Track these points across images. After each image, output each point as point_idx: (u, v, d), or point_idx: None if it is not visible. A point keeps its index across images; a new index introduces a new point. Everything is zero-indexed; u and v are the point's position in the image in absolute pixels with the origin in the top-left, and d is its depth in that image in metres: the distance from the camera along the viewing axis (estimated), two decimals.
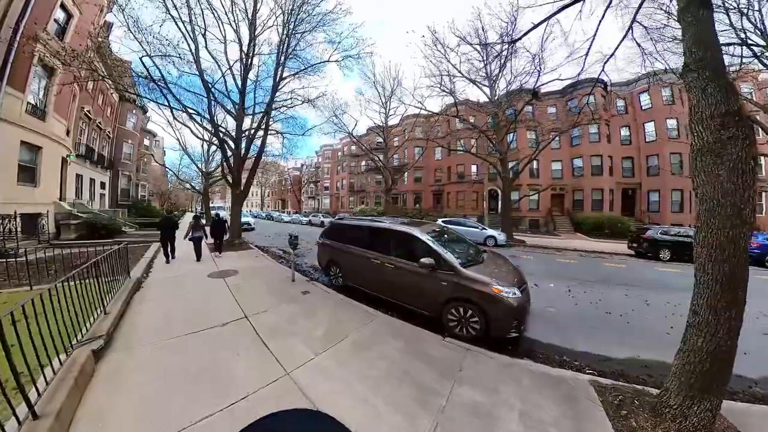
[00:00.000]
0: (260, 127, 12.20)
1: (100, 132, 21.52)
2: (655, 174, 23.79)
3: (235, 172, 12.05)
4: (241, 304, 5.09)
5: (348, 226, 6.81)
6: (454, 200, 35.56)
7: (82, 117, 18.31)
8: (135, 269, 6.66)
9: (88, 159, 18.98)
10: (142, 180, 31.81)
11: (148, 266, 7.54)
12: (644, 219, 23.65)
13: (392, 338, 3.96)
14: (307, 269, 9.14)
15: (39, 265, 6.04)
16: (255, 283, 6.51)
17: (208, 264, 8.49)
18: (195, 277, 6.80)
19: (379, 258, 5.44)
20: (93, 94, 19.80)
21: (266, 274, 7.52)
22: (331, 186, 50.67)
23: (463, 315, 4.25)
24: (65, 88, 13.98)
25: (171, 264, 8.26)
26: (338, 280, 6.55)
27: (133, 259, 7.99)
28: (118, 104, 25.46)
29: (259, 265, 8.65)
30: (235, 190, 12.18)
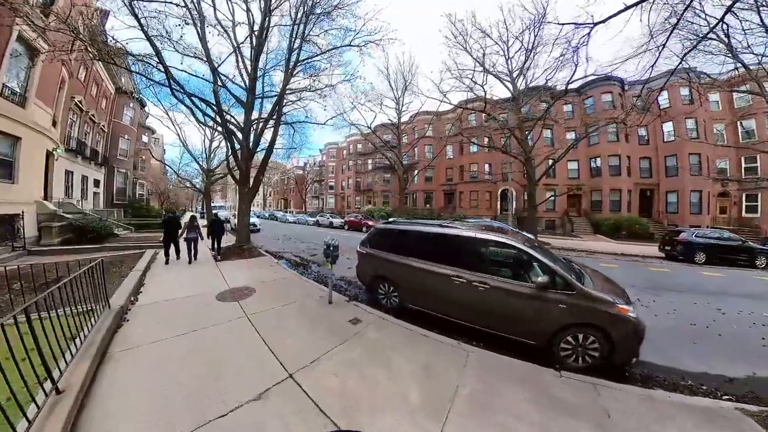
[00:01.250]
0: (271, 116, 10.58)
1: (94, 125, 19.88)
2: (673, 174, 23.31)
3: (243, 167, 10.43)
4: (274, 349, 3.48)
5: (404, 233, 5.30)
6: (467, 200, 34.31)
7: (72, 108, 16.69)
8: (119, 291, 5.00)
9: (79, 154, 17.35)
10: (140, 178, 30.16)
11: (139, 283, 5.89)
12: (663, 220, 23.11)
13: (508, 383, 3.03)
14: (336, 282, 7.62)
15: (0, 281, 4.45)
16: (282, 309, 4.90)
17: (212, 275, 6.91)
18: (199, 302, 5.16)
19: (462, 275, 4.22)
20: (85, 83, 18.16)
21: (291, 291, 5.91)
22: (336, 185, 49.07)
23: (581, 342, 3.58)
24: (51, 72, 12.45)
25: (170, 270, 6.78)
26: (390, 300, 5.26)
27: (119, 273, 6.39)
28: (114, 96, 23.82)
29: (277, 277, 7.03)
30: (243, 188, 10.56)
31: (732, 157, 22.49)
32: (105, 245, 9.81)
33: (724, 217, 22.70)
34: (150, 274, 6.78)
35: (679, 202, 23.09)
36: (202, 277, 6.79)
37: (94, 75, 19.32)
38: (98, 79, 20.16)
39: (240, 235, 10.55)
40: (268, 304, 5.13)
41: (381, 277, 5.34)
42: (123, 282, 5.48)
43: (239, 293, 5.63)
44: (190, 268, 7.56)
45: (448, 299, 4.39)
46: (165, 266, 7.49)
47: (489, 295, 3.98)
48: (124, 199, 24.32)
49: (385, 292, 5.27)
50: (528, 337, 3.82)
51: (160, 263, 8.04)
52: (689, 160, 22.53)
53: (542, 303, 3.66)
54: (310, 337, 3.87)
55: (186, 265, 7.87)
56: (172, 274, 6.85)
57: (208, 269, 7.62)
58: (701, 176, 22.21)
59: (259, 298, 5.45)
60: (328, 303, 5.20)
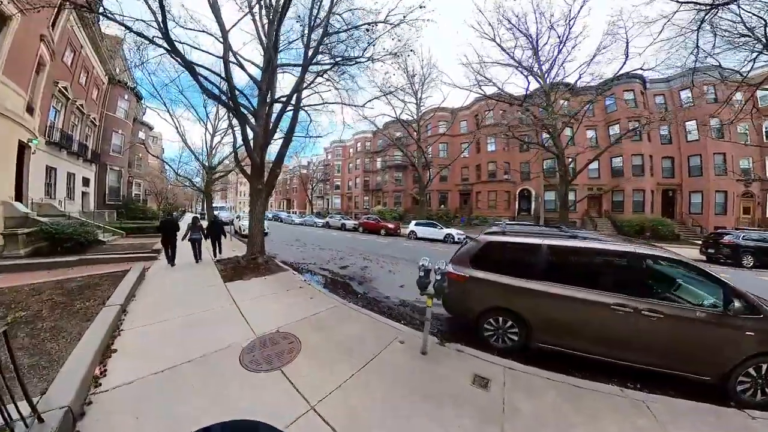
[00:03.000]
0: (292, 97, 8.48)
1: (83, 117, 17.77)
2: (697, 174, 22.88)
3: (257, 158, 8.35)
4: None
5: (532, 248, 3.88)
6: (485, 200, 32.70)
7: (56, 95, 14.58)
8: (72, 360, 2.80)
9: (64, 148, 15.23)
10: (136, 177, 28.02)
11: (111, 332, 3.69)
12: (687, 221, 22.72)
13: None
14: (393, 305, 5.78)
15: None
16: (362, 378, 2.91)
17: (224, 308, 4.80)
18: (215, 371, 3.04)
19: (628, 304, 3.30)
20: (72, 68, 16.05)
21: (353, 336, 3.91)
22: (343, 185, 47.01)
23: (763, 374, 3.01)
24: (26, 47, 10.23)
25: (162, 300, 4.65)
26: (504, 338, 3.96)
27: (83, 312, 4.26)
28: (107, 87, 21.73)
29: (320, 309, 4.91)
30: (256, 184, 8.47)
31: (756, 157, 21.56)
32: (83, 257, 7.71)
33: (748, 217, 21.99)
34: (133, 309, 4.66)
35: (703, 202, 22.51)
36: (210, 313, 4.66)
37: (83, 60, 17.22)
38: (88, 65, 18.05)
39: (253, 243, 8.45)
40: (331, 368, 3.07)
41: (497, 309, 3.93)
42: (85, 336, 3.30)
43: (276, 348, 3.52)
44: (192, 296, 5.47)
45: (599, 333, 3.45)
46: (156, 295, 5.40)
47: (662, 325, 3.23)
48: (118, 200, 22.18)
49: (497, 328, 3.97)
50: (702, 372, 3.23)
51: (150, 285, 5.98)
52: (714, 160, 21.93)
53: (728, 331, 3.10)
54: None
55: (186, 290, 5.80)
56: (166, 310, 4.72)
57: (217, 297, 5.51)
58: (726, 176, 21.46)
59: (312, 355, 3.37)
60: (422, 353, 3.48)
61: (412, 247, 15.22)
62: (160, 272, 7.26)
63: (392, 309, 5.47)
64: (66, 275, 6.15)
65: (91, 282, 5.63)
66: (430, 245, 16.45)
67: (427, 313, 3.48)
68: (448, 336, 4.02)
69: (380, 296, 6.34)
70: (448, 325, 4.76)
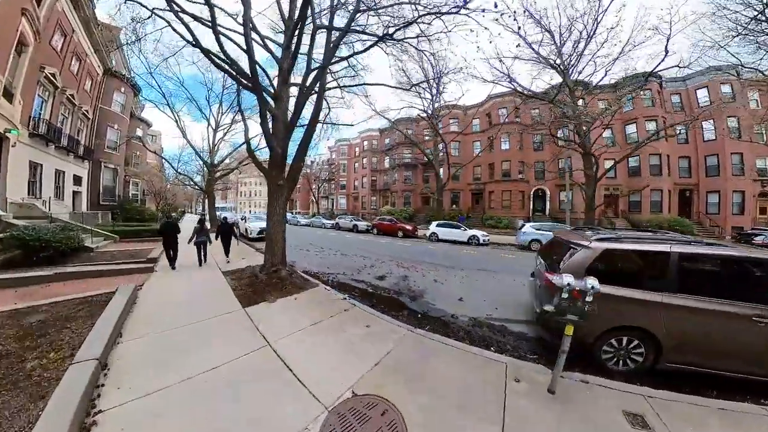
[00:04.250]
0: (326, 65, 6.89)
1: (74, 108, 16.19)
2: (714, 174, 22.73)
3: (278, 149, 6.79)
4: None
5: (664, 256, 3.40)
6: (498, 200, 31.48)
7: (42, 81, 13.00)
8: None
9: (51, 142, 13.65)
10: (133, 176, 26.42)
11: (83, 413, 2.19)
12: (704, 221, 22.60)
13: None
14: (467, 326, 4.79)
15: None
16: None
17: (256, 354, 3.21)
18: None
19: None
20: (62, 53, 14.47)
21: (454, 382, 2.88)
22: (348, 184, 45.44)
23: None
24: (2, 21, 8.59)
25: (161, 350, 3.04)
26: (626, 360, 3.44)
27: (39, 374, 2.67)
28: (102, 78, 20.14)
29: (389, 345, 3.47)
30: (275, 179, 6.89)
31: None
32: (61, 270, 6.12)
33: (765, 217, 21.92)
34: (118, 361, 3.07)
35: (720, 202, 22.37)
36: (238, 366, 3.06)
37: (74, 46, 15.63)
38: (80, 52, 16.46)
39: (272, 252, 6.85)
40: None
41: (622, 328, 3.43)
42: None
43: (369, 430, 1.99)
44: (203, 332, 3.91)
45: (739, 348, 3.12)
46: (151, 331, 3.82)
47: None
48: (113, 200, 20.57)
49: (618, 349, 3.50)
50: None
51: (144, 311, 4.42)
52: (731, 160, 21.80)
53: None
54: None
55: (193, 320, 4.21)
56: (167, 362, 3.14)
57: (239, 332, 3.94)
58: (744, 177, 21.54)
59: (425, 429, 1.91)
60: (549, 392, 2.82)
61: (441, 251, 13.71)
62: (157, 290, 5.68)
63: (469, 332, 4.50)
64: (32, 299, 4.57)
65: (62, 313, 4.03)
66: (459, 249, 15.02)
67: (563, 344, 2.77)
68: (550, 361, 3.32)
69: (444, 314, 5.22)
70: (537, 347, 4.07)
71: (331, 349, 3.49)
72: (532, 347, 4.04)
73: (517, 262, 10.88)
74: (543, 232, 15.75)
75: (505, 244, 17.39)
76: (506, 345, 4.07)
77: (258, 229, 15.73)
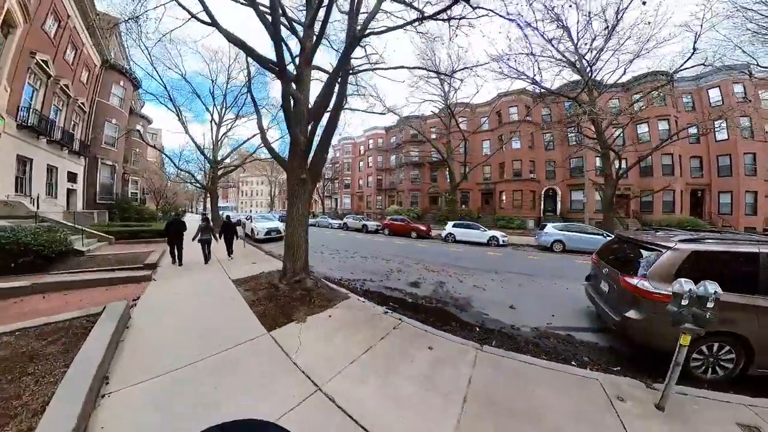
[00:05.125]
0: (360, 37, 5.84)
1: (69, 100, 15.15)
2: (726, 175, 22.54)
3: (301, 138, 5.75)
4: None
5: (754, 257, 3.35)
6: (509, 200, 30.74)
7: (33, 69, 11.96)
8: None
9: (43, 135, 12.61)
10: (132, 173, 25.36)
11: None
12: (717, 222, 22.34)
13: None
14: (534, 338, 4.41)
15: None
16: None
17: (307, 407, 2.14)
18: None
19: None
20: (56, 40, 13.45)
21: (556, 407, 2.53)
22: (353, 184, 44.38)
23: None
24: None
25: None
26: (714, 368, 3.39)
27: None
28: (100, 71, 19.10)
29: (461, 369, 2.78)
30: (298, 172, 5.83)
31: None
32: (40, 280, 5.07)
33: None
34: (101, 426, 2.04)
35: (732, 203, 22.18)
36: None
37: (70, 33, 14.60)
38: (77, 40, 15.43)
39: (294, 258, 5.77)
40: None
41: (716, 334, 3.23)
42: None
43: None
44: (221, 370, 2.88)
45: None
46: (148, 377, 2.77)
47: None
48: (111, 198, 19.51)
49: (707, 356, 3.37)
50: None
51: (138, 340, 3.38)
52: (744, 160, 21.65)
53: None
54: None
55: (206, 353, 3.17)
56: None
57: (271, 368, 2.92)
58: (756, 177, 21.33)
59: None
60: (658, 408, 2.63)
61: (463, 253, 12.76)
62: (156, 306, 4.63)
63: (538, 345, 4.12)
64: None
65: (28, 346, 2.95)
66: (481, 251, 14.04)
67: (678, 355, 2.59)
68: (631, 372, 3.32)
69: (503, 326, 4.74)
70: (613, 357, 3.83)
71: (402, 386, 2.60)
72: (608, 358, 3.76)
73: (547, 264, 10.28)
74: (566, 233, 14.82)
75: (523, 245, 16.52)
76: (582, 357, 3.75)
77: (265, 229, 14.70)
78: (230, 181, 50.96)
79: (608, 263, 4.34)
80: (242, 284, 5.88)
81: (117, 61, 20.27)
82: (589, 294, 4.77)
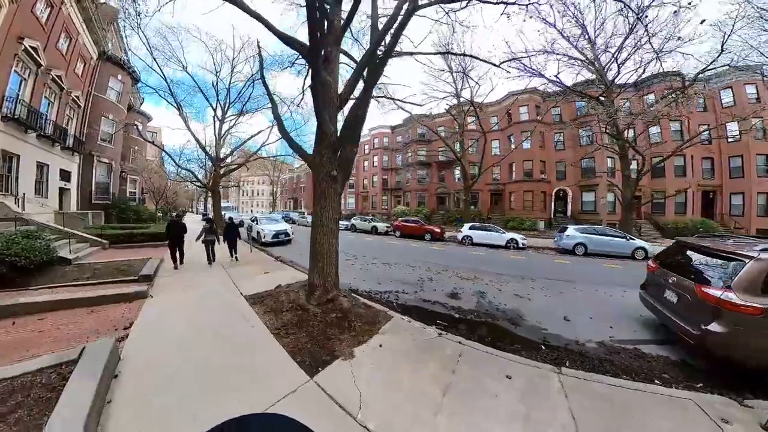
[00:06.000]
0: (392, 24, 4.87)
1: (61, 93, 14.12)
2: (738, 176, 22.45)
3: (330, 125, 4.75)
4: None
5: None
6: (520, 201, 30.13)
7: (20, 55, 10.94)
8: None
9: (31, 129, 11.58)
10: (130, 172, 24.32)
11: None
12: (729, 223, 22.26)
13: None
14: (605, 355, 3.96)
15: None
16: None
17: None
18: None
19: None
20: (47, 27, 12.42)
21: None
22: (357, 183, 43.38)
23: None
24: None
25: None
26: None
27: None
28: (96, 63, 18.06)
29: (554, 398, 2.35)
30: (327, 167, 4.82)
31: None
32: (6, 303, 4.05)
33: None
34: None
35: (744, 204, 22.03)
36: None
37: (64, 20, 13.57)
38: (71, 29, 14.40)
39: (324, 273, 4.71)
40: None
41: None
42: None
43: None
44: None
45: None
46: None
47: None
48: (107, 198, 18.46)
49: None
50: None
51: (130, 402, 2.35)
52: (756, 161, 21.60)
53: None
54: None
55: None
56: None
57: (331, 428, 1.87)
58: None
59: None
60: (765, 429, 2.34)
61: (487, 257, 11.97)
62: (154, 337, 3.62)
63: (612, 361, 3.73)
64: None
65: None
66: (502, 254, 13.28)
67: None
68: (713, 388, 3.11)
69: (568, 342, 4.32)
70: (692, 372, 3.49)
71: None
72: (686, 374, 3.50)
73: (577, 269, 9.81)
74: (589, 235, 13.97)
75: (542, 247, 15.65)
76: (662, 374, 3.47)
77: (273, 232, 13.67)
78: (231, 180, 49.91)
79: (674, 271, 4.10)
80: (258, 303, 4.87)
81: (115, 53, 19.23)
82: (649, 303, 4.53)
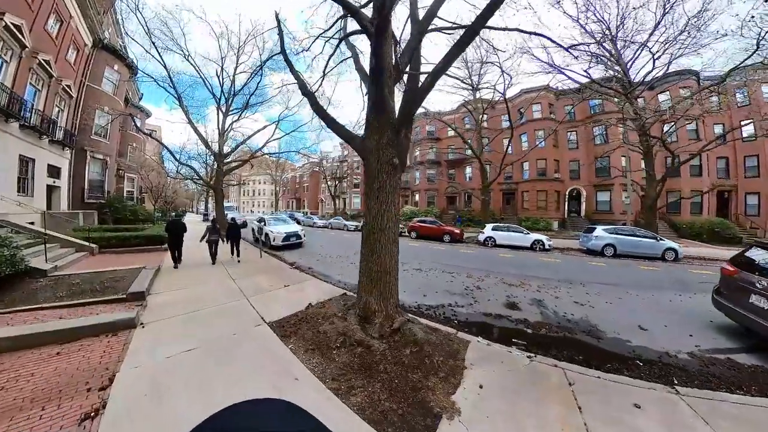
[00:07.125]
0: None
1: (50, 81, 12.83)
2: (754, 175, 22.11)
3: (390, 101, 3.48)
4: None
5: None
6: (533, 201, 29.08)
7: (1, 34, 9.67)
8: None
9: (14, 119, 10.30)
10: (127, 170, 23.04)
11: None
12: (745, 223, 22.06)
13: None
14: (700, 370, 3.64)
15: None
16: None
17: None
18: None
19: None
20: (34, 3, 11.14)
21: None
22: (363, 183, 42.07)
23: None
24: None
25: None
26: None
27: None
28: (91, 52, 16.78)
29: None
30: (387, 155, 3.54)
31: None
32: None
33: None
34: None
35: (760, 204, 21.80)
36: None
37: (54, 1, 12.31)
38: (63, 11, 13.12)
39: (383, 294, 3.37)
40: None
41: None
42: None
43: None
44: None
45: None
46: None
47: None
48: (101, 197, 17.13)
49: None
50: None
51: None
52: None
53: None
54: None
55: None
56: None
57: None
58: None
59: None
60: None
61: (518, 260, 11.17)
62: (144, 413, 2.35)
63: (714, 374, 3.43)
64: None
65: None
66: (531, 256, 12.47)
67: None
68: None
69: (659, 354, 3.88)
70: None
71: None
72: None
73: (619, 272, 9.27)
74: (618, 236, 13.16)
75: (566, 248, 14.81)
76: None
77: (283, 235, 12.40)
78: (233, 178, 48.56)
79: (764, 276, 4.03)
80: (292, 334, 3.55)
81: (111, 43, 17.96)
82: (728, 308, 4.42)
